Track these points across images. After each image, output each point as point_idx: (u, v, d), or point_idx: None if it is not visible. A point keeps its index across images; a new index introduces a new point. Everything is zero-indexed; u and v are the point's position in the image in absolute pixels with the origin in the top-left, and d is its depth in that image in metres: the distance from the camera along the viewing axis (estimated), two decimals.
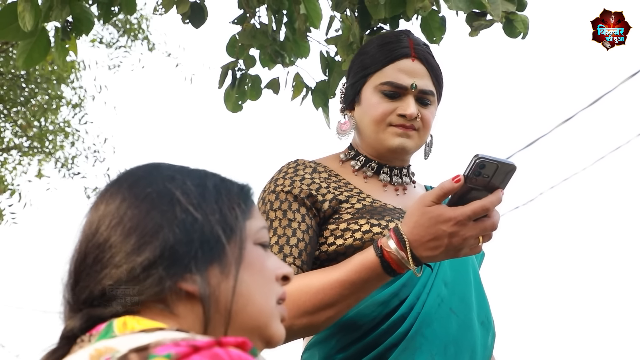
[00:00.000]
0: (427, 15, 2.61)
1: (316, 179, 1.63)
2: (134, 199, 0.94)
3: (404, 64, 1.66)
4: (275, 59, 3.02)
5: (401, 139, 1.65)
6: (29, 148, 8.68)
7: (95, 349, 0.83)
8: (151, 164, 0.99)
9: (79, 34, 2.64)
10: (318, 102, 2.98)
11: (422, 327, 1.54)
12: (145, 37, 8.89)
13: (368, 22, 2.69)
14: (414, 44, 1.68)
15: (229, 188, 0.98)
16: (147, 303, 0.90)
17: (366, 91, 1.69)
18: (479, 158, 1.31)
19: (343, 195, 1.62)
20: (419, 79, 1.66)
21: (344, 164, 1.72)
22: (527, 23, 2.46)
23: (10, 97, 8.24)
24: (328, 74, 2.96)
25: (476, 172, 1.32)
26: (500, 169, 1.32)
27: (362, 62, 1.71)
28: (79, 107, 8.74)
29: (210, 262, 0.92)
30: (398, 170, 1.73)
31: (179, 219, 0.92)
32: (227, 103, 3.01)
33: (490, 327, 1.65)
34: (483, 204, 1.35)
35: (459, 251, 1.40)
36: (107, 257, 0.91)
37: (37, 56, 2.57)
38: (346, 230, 1.58)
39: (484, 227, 1.38)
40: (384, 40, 1.71)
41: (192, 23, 2.85)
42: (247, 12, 2.96)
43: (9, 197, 8.14)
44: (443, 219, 1.36)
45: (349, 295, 1.45)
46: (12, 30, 2.46)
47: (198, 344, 0.78)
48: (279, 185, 1.62)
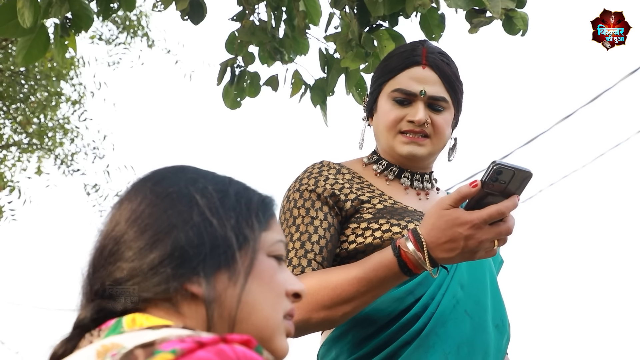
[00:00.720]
0: (426, 12, 2.61)
1: (340, 179, 1.68)
2: (154, 197, 0.96)
3: (414, 71, 1.70)
4: (274, 56, 3.03)
5: (410, 147, 1.69)
6: (28, 145, 8.68)
7: (102, 345, 0.84)
8: (178, 166, 1.02)
9: (78, 30, 2.65)
10: (316, 100, 2.98)
11: (437, 327, 1.57)
12: (144, 34, 8.88)
13: (367, 19, 2.69)
14: (426, 52, 1.71)
15: (250, 197, 0.99)
16: (154, 300, 0.92)
17: (381, 99, 1.74)
18: (496, 164, 1.36)
19: (365, 195, 1.67)
20: (429, 86, 1.69)
21: (367, 167, 1.77)
22: (526, 20, 2.46)
23: (9, 93, 8.24)
24: (327, 71, 2.96)
25: (493, 178, 1.36)
26: (516, 175, 1.37)
27: (380, 71, 1.77)
28: (79, 103, 8.74)
29: (219, 267, 0.93)
30: (419, 176, 1.77)
31: (194, 221, 0.94)
32: (225, 100, 3.01)
33: (505, 330, 1.69)
34: (499, 208, 1.39)
35: (475, 254, 1.44)
36: (121, 250, 0.94)
37: (36, 53, 2.57)
38: (367, 229, 1.62)
39: (499, 231, 1.42)
40: (399, 49, 1.77)
41: (191, 20, 2.85)
42: (246, 9, 2.96)
43: (9, 194, 8.14)
44: (460, 222, 1.41)
45: (365, 292, 1.50)
46: (11, 27, 2.46)
47: (203, 340, 0.79)
48: (303, 185, 1.67)
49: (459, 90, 1.75)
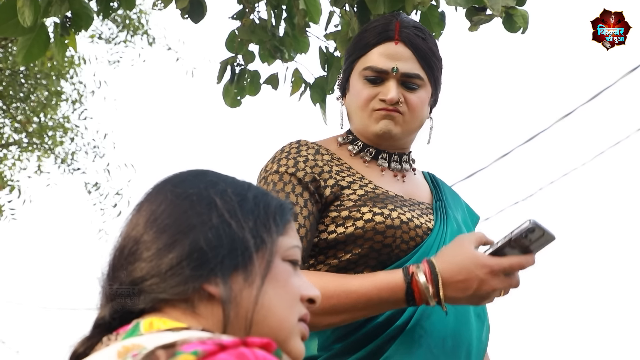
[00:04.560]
0: (426, 10, 2.62)
1: (319, 161, 1.59)
2: (174, 198, 0.97)
3: (386, 47, 1.61)
4: (275, 54, 3.03)
5: (385, 122, 1.61)
6: (28, 144, 8.68)
7: (122, 346, 0.85)
8: (199, 170, 1.03)
9: (78, 29, 2.65)
10: (316, 98, 2.98)
11: (422, 320, 1.54)
12: (144, 32, 8.88)
13: (367, 18, 2.69)
14: (400, 27, 1.62)
15: (268, 202, 1.01)
16: (171, 300, 0.93)
17: (353, 77, 1.66)
18: (532, 223, 1.37)
19: (345, 180, 1.58)
20: (401, 62, 1.60)
21: (342, 147, 1.69)
22: (526, 18, 2.46)
23: (9, 93, 8.24)
24: (327, 70, 2.96)
25: (524, 235, 1.38)
26: (544, 237, 1.39)
27: (352, 47, 1.68)
28: (79, 102, 8.73)
29: (236, 268, 0.95)
30: (397, 157, 1.69)
31: (212, 223, 0.95)
32: (225, 98, 3.01)
33: (485, 319, 1.66)
34: (520, 262, 1.40)
35: (483, 299, 1.44)
36: (140, 251, 0.95)
37: (36, 52, 2.57)
38: (348, 218, 1.55)
39: (510, 283, 1.43)
40: (373, 24, 1.67)
41: (191, 18, 2.85)
42: (247, 7, 2.97)
43: (9, 193, 8.14)
44: (479, 264, 1.40)
45: (360, 309, 1.46)
46: (11, 26, 2.46)
47: (224, 343, 0.80)
48: (282, 166, 1.58)
49: (435, 66, 1.65)
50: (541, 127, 7.51)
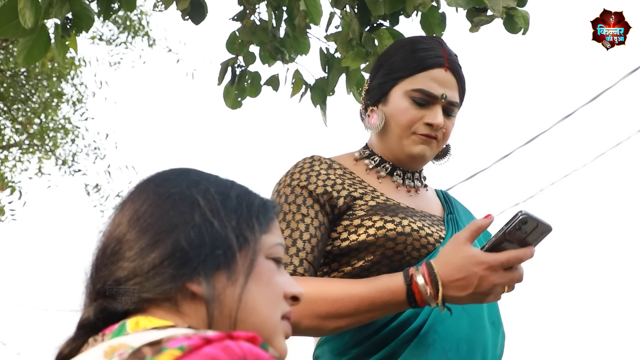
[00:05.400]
0: (427, 11, 2.61)
1: (331, 175, 1.64)
2: (156, 198, 0.97)
3: (437, 73, 1.67)
4: (275, 55, 3.03)
5: (423, 147, 1.68)
6: (29, 145, 8.68)
7: (109, 346, 0.85)
8: (181, 169, 1.03)
9: (79, 31, 2.65)
10: (316, 100, 2.98)
11: (435, 324, 1.56)
12: (145, 34, 8.88)
13: (368, 19, 2.69)
14: (447, 54, 1.69)
15: (251, 200, 1.01)
16: (155, 300, 0.93)
17: (395, 94, 1.69)
18: (523, 214, 1.36)
19: (357, 192, 1.63)
20: (449, 90, 1.68)
21: (358, 162, 1.74)
22: (527, 19, 2.46)
23: (10, 94, 8.24)
24: (327, 71, 2.96)
25: (517, 227, 1.37)
26: (538, 227, 1.38)
27: (393, 63, 1.71)
28: (80, 103, 8.73)
29: (218, 267, 0.95)
30: (411, 174, 1.75)
31: (195, 222, 0.95)
32: (226, 100, 3.01)
33: (499, 327, 1.69)
34: (517, 255, 1.40)
35: (486, 296, 1.44)
36: (122, 250, 0.95)
37: (37, 53, 2.57)
38: (360, 226, 1.59)
39: (512, 278, 1.43)
40: (417, 45, 1.71)
41: (192, 19, 2.85)
42: (247, 8, 2.96)
43: (10, 194, 8.14)
44: (476, 261, 1.41)
45: (364, 312, 1.49)
46: (12, 27, 2.46)
47: (210, 337, 0.80)
48: (294, 180, 1.64)
49: (464, 95, 1.75)
50: (542, 128, 7.51)
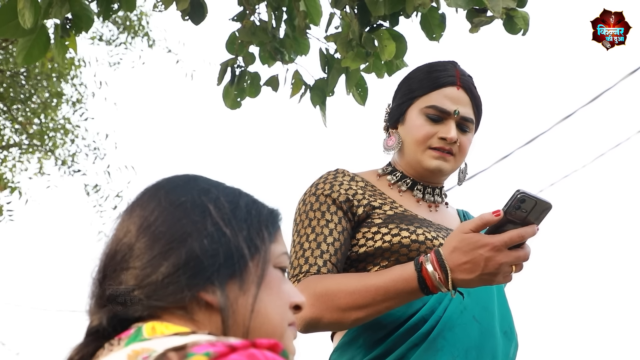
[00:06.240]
0: (426, 12, 2.61)
1: (353, 185, 1.75)
2: (167, 205, 0.97)
3: (449, 91, 1.78)
4: (275, 56, 3.03)
5: (438, 162, 1.76)
6: (28, 145, 8.67)
7: (132, 350, 0.85)
8: (190, 175, 1.03)
9: (79, 31, 2.64)
10: (316, 100, 2.98)
11: (444, 331, 1.61)
12: (145, 34, 8.87)
13: (368, 19, 2.69)
14: (460, 74, 1.80)
15: (259, 209, 1.01)
16: (168, 308, 0.93)
17: (411, 113, 1.80)
18: (521, 193, 1.40)
19: (377, 202, 1.73)
20: (461, 106, 1.77)
21: (381, 178, 1.84)
22: (527, 19, 2.46)
23: (10, 94, 8.23)
24: (327, 71, 2.96)
25: (516, 206, 1.41)
26: (538, 205, 1.41)
27: (410, 85, 1.83)
28: (80, 103, 8.72)
29: (232, 276, 0.95)
30: (431, 189, 1.83)
31: (208, 231, 0.95)
32: (225, 100, 3.01)
33: (513, 337, 1.72)
34: (519, 233, 1.45)
35: (494, 276, 1.49)
36: (134, 257, 0.95)
37: (36, 53, 2.57)
38: (377, 233, 1.68)
39: (518, 256, 1.48)
40: (432, 67, 1.83)
41: (191, 20, 2.85)
42: (247, 9, 2.96)
43: (9, 194, 8.13)
44: (480, 244, 1.46)
45: (381, 302, 1.55)
46: (11, 28, 2.46)
47: (235, 345, 0.81)
48: (319, 189, 1.75)
49: (481, 113, 1.84)
50: (542, 129, 7.51)
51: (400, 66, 2.87)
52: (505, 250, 1.46)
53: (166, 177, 1.03)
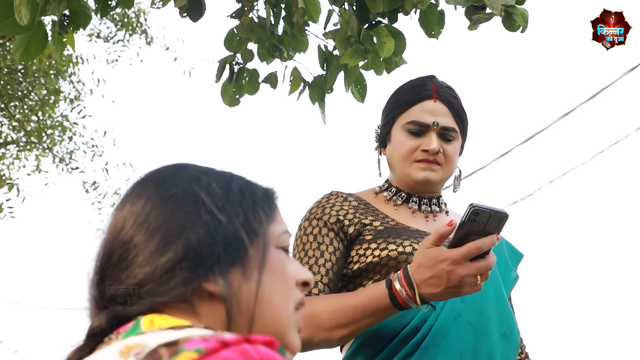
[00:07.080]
0: (425, 9, 2.61)
1: (345, 206, 1.81)
2: (159, 199, 0.95)
3: (427, 104, 1.84)
4: (273, 53, 3.02)
5: (425, 173, 1.82)
6: (26, 143, 8.67)
7: (125, 345, 0.84)
8: (178, 164, 1.00)
9: (76, 28, 2.63)
10: (315, 97, 2.97)
11: (437, 338, 1.64)
12: (143, 31, 8.86)
13: (366, 16, 2.68)
14: (436, 87, 1.85)
15: (253, 191, 0.99)
16: (170, 302, 0.91)
17: (395, 131, 1.87)
18: (473, 207, 1.45)
19: (367, 219, 1.79)
20: (440, 117, 1.82)
21: (378, 195, 1.90)
22: (526, 17, 2.45)
23: (7, 91, 8.23)
24: (326, 69, 2.95)
25: (471, 219, 1.45)
26: (493, 216, 1.46)
27: (391, 104, 1.90)
28: (77, 100, 8.71)
29: (232, 264, 0.93)
30: (427, 200, 1.88)
31: (203, 221, 0.93)
32: (224, 97, 3.00)
33: (513, 338, 1.74)
34: (476, 244, 1.48)
35: (459, 288, 1.52)
36: (131, 255, 0.92)
37: (34, 50, 2.56)
38: (367, 249, 1.75)
39: (479, 267, 1.50)
40: (410, 84, 1.89)
41: (189, 17, 2.84)
42: (246, 5, 2.96)
43: (7, 191, 8.12)
44: (441, 259, 1.50)
45: (360, 320, 1.60)
46: (8, 24, 2.45)
47: (227, 340, 0.79)
48: (312, 214, 1.82)
49: (465, 120, 1.88)
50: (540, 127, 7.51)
51: (399, 63, 2.87)
52: (465, 262, 1.48)
53: (154, 169, 1.00)
